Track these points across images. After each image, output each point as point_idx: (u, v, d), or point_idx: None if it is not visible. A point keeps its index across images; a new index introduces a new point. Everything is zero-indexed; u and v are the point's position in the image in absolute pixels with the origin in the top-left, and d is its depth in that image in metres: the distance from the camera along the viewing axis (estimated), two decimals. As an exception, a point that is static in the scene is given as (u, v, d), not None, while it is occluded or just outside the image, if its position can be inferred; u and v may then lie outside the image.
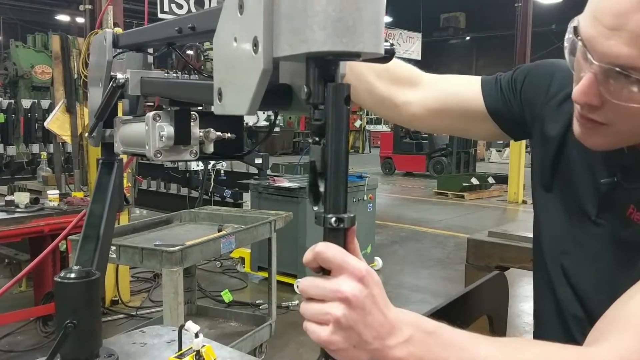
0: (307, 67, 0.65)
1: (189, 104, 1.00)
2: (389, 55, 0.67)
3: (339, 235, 0.67)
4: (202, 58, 13.31)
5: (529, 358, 0.77)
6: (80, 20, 16.84)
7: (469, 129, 1.27)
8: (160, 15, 9.56)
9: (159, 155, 0.97)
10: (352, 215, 0.66)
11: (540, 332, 1.16)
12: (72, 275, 1.24)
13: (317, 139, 0.66)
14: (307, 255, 0.68)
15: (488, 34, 24.40)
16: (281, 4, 0.62)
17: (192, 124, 0.99)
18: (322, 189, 0.66)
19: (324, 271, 0.69)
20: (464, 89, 1.21)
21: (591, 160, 1.02)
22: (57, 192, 4.17)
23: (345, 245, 0.67)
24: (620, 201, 0.98)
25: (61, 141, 5.28)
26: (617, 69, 0.79)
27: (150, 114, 0.97)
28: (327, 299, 0.67)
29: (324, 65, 0.64)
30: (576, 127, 0.93)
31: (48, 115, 8.17)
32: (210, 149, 0.99)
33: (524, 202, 11.49)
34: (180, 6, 10.03)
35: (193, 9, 10.29)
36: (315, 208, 0.67)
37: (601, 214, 1.01)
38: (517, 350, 0.78)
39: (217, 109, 0.75)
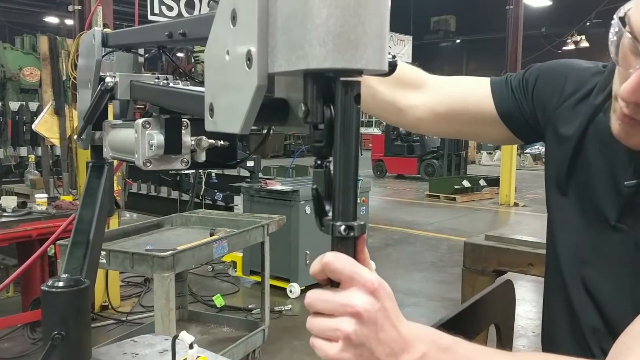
0: (305, 84, 0.59)
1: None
2: (391, 69, 0.62)
3: (348, 245, 0.62)
4: (193, 60, 13.25)
5: None
6: (69, 22, 16.72)
7: (478, 133, 1.22)
8: (150, 17, 9.49)
9: (148, 164, 0.92)
10: (362, 222, 0.62)
11: (551, 342, 1.12)
12: (60, 283, 1.19)
13: (319, 162, 0.61)
14: (315, 266, 0.63)
15: (478, 37, 24.49)
16: (277, 16, 0.57)
17: (183, 131, 0.94)
18: (329, 212, 0.61)
19: (332, 283, 0.64)
20: (473, 91, 1.17)
21: (613, 161, 0.97)
22: (46, 195, 4.10)
23: (355, 255, 0.63)
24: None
25: (50, 144, 5.20)
26: None
27: (140, 121, 0.92)
28: (337, 314, 0.62)
29: (324, 82, 0.58)
30: (615, 125, 0.88)
31: (36, 118, 8.08)
32: (202, 157, 0.94)
33: (516, 204, 11.51)
34: (170, 8, 9.96)
35: (184, 12, 10.22)
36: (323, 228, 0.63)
37: (622, 219, 0.96)
38: None
39: (208, 125, 0.70)
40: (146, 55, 1.20)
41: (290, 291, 5.36)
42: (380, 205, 11.70)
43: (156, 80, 0.99)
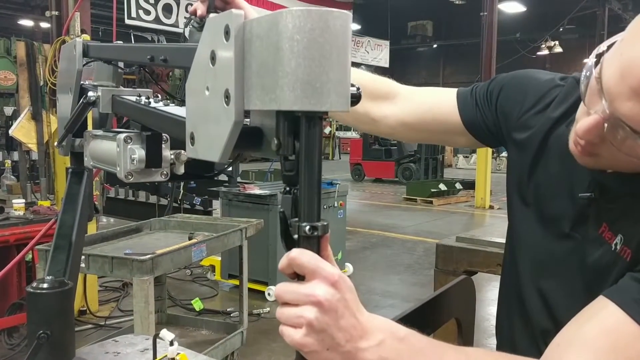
0: (277, 121, 0.66)
1: None
2: (355, 100, 0.69)
3: (312, 243, 0.69)
4: (170, 65, 13.04)
5: None
6: (43, 25, 16.54)
7: (447, 140, 1.31)
8: (127, 22, 9.49)
9: (130, 177, 0.97)
10: (325, 223, 0.68)
11: (505, 341, 1.19)
12: (45, 285, 1.24)
13: (287, 188, 0.68)
14: (282, 262, 0.70)
15: (455, 42, 24.78)
16: (252, 61, 0.64)
17: (163, 146, 0.99)
18: (295, 236, 0.69)
19: (298, 277, 0.71)
20: (440, 103, 1.24)
21: (572, 172, 1.02)
22: (23, 201, 4.09)
23: (319, 252, 0.70)
24: (595, 218, 0.99)
25: (26, 149, 5.18)
26: (628, 127, 0.80)
27: (122, 136, 0.96)
28: (301, 303, 0.69)
29: (293, 120, 0.65)
30: (571, 144, 0.94)
31: (12, 122, 8.00)
32: (181, 170, 1.00)
33: (491, 207, 11.69)
34: (147, 12, 9.97)
35: (161, 16, 10.23)
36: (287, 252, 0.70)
37: (575, 228, 1.02)
38: None
39: (189, 152, 0.76)
40: (126, 69, 1.25)
41: (269, 294, 5.40)
42: (358, 208, 11.79)
43: (137, 97, 1.03)
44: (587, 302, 0.89)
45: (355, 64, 18.92)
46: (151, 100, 0.99)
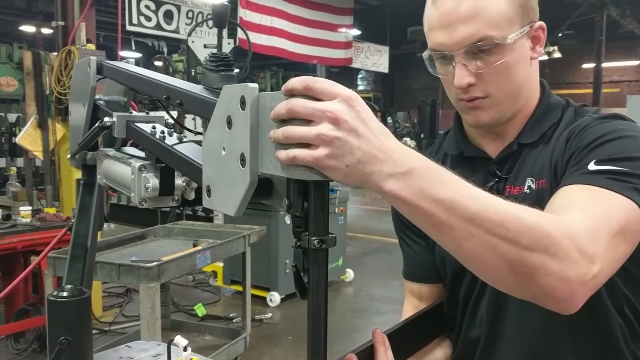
0: (287, 184, 0.73)
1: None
2: None
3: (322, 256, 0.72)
4: (171, 70, 13.21)
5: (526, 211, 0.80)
6: (45, 31, 16.61)
7: None
8: (128, 28, 9.56)
9: (144, 203, 1.03)
10: (333, 235, 0.72)
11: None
12: (65, 293, 1.30)
13: (298, 243, 0.73)
14: (281, 105, 0.67)
15: (454, 48, 24.92)
16: (266, 130, 0.71)
17: (175, 174, 1.04)
18: (306, 279, 0.72)
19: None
20: None
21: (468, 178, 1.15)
22: (30, 208, 4.15)
23: None
24: (501, 190, 1.13)
25: (32, 157, 5.25)
26: (471, 46, 1.03)
27: (137, 164, 1.02)
28: (316, 119, 0.66)
29: (303, 183, 0.71)
30: (468, 117, 1.14)
31: (15, 129, 8.07)
32: (191, 195, 1.06)
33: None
34: (148, 19, 10.04)
35: (162, 22, 10.30)
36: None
37: None
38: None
39: (205, 202, 0.83)
40: (139, 96, 1.29)
41: (270, 300, 5.46)
42: (358, 214, 11.84)
43: (152, 129, 1.06)
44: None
45: (355, 70, 18.96)
46: (165, 133, 1.03)
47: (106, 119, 1.20)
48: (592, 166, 0.95)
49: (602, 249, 0.82)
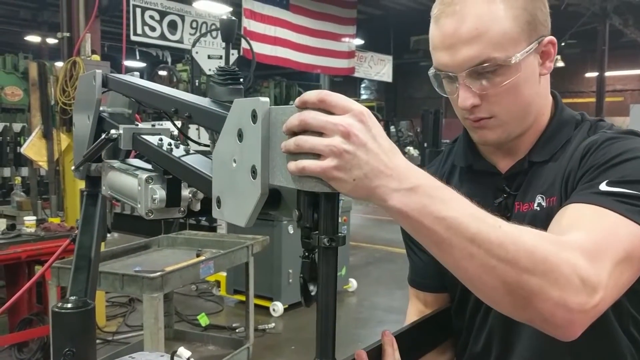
0: (298, 196, 0.74)
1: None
2: None
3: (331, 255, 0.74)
4: (175, 79, 13.24)
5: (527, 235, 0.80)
6: (50, 41, 16.71)
7: None
8: (133, 38, 9.62)
9: (150, 214, 1.04)
10: (343, 235, 0.74)
11: None
12: (69, 305, 1.31)
13: (306, 253, 0.74)
14: (294, 117, 0.70)
15: (457, 57, 24.96)
16: (277, 143, 0.72)
17: (182, 185, 1.05)
18: (313, 292, 0.74)
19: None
20: None
21: (474, 198, 1.16)
22: (34, 218, 4.17)
23: None
24: (509, 207, 1.12)
25: (37, 166, 5.28)
26: (474, 68, 1.01)
27: (144, 176, 1.03)
28: (328, 132, 0.68)
29: (313, 195, 0.73)
30: (475, 135, 1.13)
31: (20, 138, 8.11)
32: (197, 207, 1.06)
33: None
34: (153, 29, 10.11)
35: (166, 32, 10.36)
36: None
37: None
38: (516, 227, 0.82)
39: (215, 213, 0.84)
40: (144, 108, 1.30)
41: (274, 310, 5.45)
42: (361, 223, 11.82)
43: (159, 141, 1.08)
44: None
45: (358, 79, 19.00)
46: (172, 145, 1.04)
47: (112, 131, 1.21)
48: (603, 186, 0.94)
49: (605, 276, 0.80)
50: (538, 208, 1.08)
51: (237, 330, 4.96)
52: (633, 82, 22.04)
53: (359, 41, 15.90)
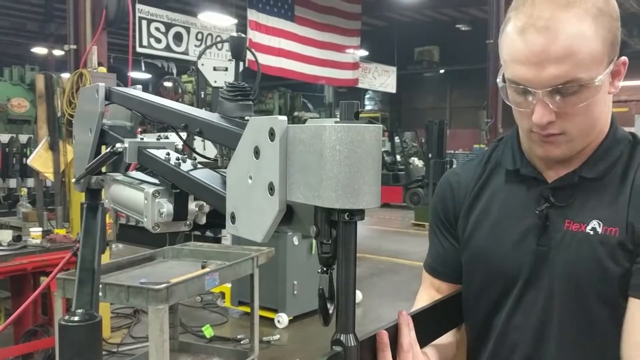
0: (315, 212, 0.75)
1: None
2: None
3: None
4: (180, 91, 13.30)
5: None
6: (57, 53, 16.84)
7: None
8: (139, 49, 9.66)
9: (157, 228, 1.04)
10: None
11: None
12: (76, 318, 1.31)
13: (325, 269, 0.76)
14: None
15: (461, 68, 25.00)
16: (295, 160, 0.73)
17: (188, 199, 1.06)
18: (331, 311, 0.75)
19: None
20: None
21: (516, 201, 1.18)
22: (40, 229, 4.19)
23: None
24: (550, 217, 1.12)
25: (43, 178, 5.30)
26: (560, 86, 1.00)
27: (151, 190, 1.03)
28: None
29: (330, 211, 0.74)
30: (539, 149, 1.11)
31: (26, 149, 8.15)
32: (203, 220, 1.07)
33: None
34: (158, 40, 10.17)
35: (172, 44, 10.41)
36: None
37: (541, 242, 1.12)
38: None
39: (229, 229, 0.84)
40: (148, 120, 1.30)
41: (278, 321, 5.44)
42: (366, 234, 11.81)
43: (167, 155, 1.08)
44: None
45: (362, 90, 19.07)
46: (180, 159, 1.04)
47: (117, 145, 1.21)
48: None
49: None
50: (591, 232, 1.07)
51: (241, 342, 4.94)
52: (638, 93, 22.00)
53: (363, 52, 15.98)
